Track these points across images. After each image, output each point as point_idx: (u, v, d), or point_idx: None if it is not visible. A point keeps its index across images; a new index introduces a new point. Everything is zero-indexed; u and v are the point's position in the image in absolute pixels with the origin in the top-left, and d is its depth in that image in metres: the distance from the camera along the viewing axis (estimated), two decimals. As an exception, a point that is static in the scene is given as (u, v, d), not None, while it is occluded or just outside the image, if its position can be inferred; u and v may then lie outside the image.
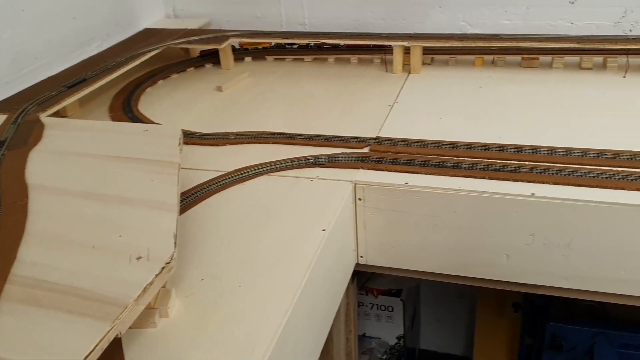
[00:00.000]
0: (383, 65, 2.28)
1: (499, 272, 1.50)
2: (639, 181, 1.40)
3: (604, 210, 1.35)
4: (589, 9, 2.26)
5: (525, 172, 1.48)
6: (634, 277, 1.41)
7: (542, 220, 1.40)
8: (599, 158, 1.52)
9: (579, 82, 2.02)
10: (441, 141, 1.65)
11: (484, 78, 2.11)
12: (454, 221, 1.46)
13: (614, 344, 1.90)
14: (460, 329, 2.97)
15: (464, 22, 2.41)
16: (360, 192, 1.49)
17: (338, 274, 1.44)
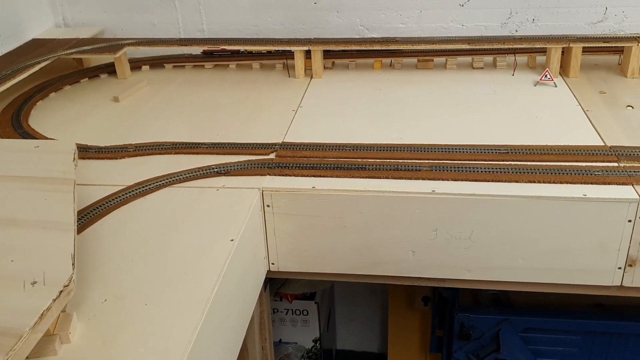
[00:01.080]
0: (285, 70, 2.29)
1: (406, 269, 1.54)
2: (530, 174, 1.49)
3: (500, 203, 1.42)
4: (478, 11, 2.37)
5: (426, 170, 1.53)
6: (531, 264, 1.49)
7: (443, 216, 1.45)
8: (493, 153, 1.60)
9: (472, 81, 2.12)
10: (345, 144, 1.67)
11: (384, 80, 2.17)
12: (361, 221, 1.49)
13: (517, 329, 2.01)
14: (374, 326, 3.03)
15: (361, 26, 2.47)
16: (268, 198, 1.48)
17: (249, 283, 1.42)
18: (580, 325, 1.98)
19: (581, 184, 1.45)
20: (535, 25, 2.36)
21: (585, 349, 2.03)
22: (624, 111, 1.83)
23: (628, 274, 1.47)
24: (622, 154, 1.56)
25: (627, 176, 1.46)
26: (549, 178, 1.46)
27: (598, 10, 2.32)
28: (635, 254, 1.44)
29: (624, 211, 1.40)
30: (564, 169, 1.50)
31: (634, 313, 2.00)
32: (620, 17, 2.31)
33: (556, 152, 1.58)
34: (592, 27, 2.34)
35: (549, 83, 2.03)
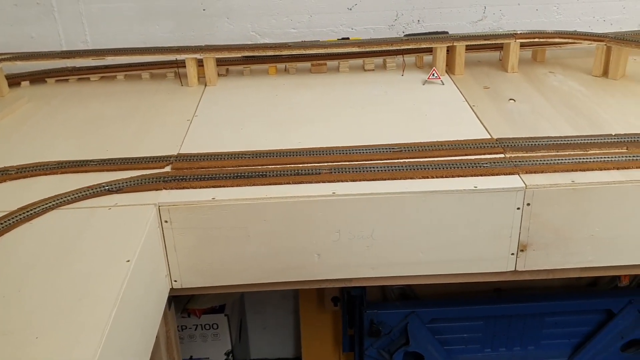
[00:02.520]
0: (177, 79, 2.22)
1: (313, 272, 1.54)
2: (424, 170, 1.53)
3: (397, 200, 1.46)
4: (365, 14, 2.43)
5: (326, 172, 1.53)
6: (431, 257, 1.54)
7: (345, 217, 1.47)
8: (388, 152, 1.63)
9: (364, 83, 2.17)
10: (244, 151, 1.65)
11: (279, 85, 2.17)
12: (265, 229, 1.47)
13: (424, 321, 2.07)
14: (287, 331, 3.02)
15: (253, 32, 2.45)
16: (165, 214, 1.42)
17: (151, 304, 1.36)
18: (482, 311, 2.08)
19: (472, 176, 1.51)
20: (421, 26, 2.45)
21: (488, 333, 2.13)
22: (506, 104, 1.94)
23: (520, 259, 1.55)
24: (508, 145, 1.65)
25: (513, 166, 1.54)
26: (441, 173, 1.52)
27: (478, 9, 2.45)
28: (526, 240, 1.53)
29: (512, 200, 1.47)
30: (455, 163, 1.56)
31: (529, 295, 2.12)
32: (498, 15, 2.45)
33: (447, 147, 1.65)
34: (473, 25, 2.46)
35: (437, 81, 2.11)
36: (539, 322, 2.14)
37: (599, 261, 1.58)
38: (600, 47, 2.12)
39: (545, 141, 1.66)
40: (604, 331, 2.17)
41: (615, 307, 2.14)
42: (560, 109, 1.88)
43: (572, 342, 2.22)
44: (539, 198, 1.47)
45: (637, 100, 1.93)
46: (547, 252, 1.55)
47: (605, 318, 2.18)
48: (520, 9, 2.43)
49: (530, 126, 1.77)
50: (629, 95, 1.97)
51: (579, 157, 1.57)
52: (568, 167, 1.53)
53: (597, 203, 1.49)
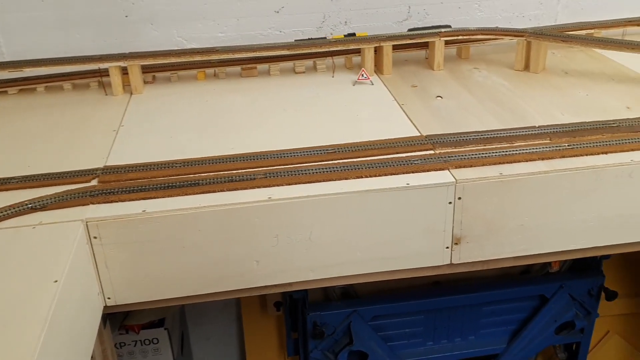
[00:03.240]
0: (101, 88, 2.15)
1: (253, 279, 1.52)
2: (358, 169, 1.54)
3: (333, 201, 1.46)
4: (293, 17, 2.43)
5: (261, 177, 1.52)
6: (369, 255, 1.55)
7: (282, 221, 1.46)
8: (322, 154, 1.64)
9: (296, 85, 2.16)
10: (175, 160, 1.61)
11: (209, 91, 2.13)
12: (201, 239, 1.44)
13: (366, 319, 2.09)
14: (231, 339, 2.98)
15: (179, 37, 2.40)
16: (94, 230, 1.37)
17: (83, 324, 1.31)
18: (422, 306, 2.11)
19: (404, 173, 1.53)
20: (348, 27, 2.47)
21: (429, 326, 2.17)
22: (434, 102, 1.98)
23: (455, 252, 1.59)
24: (437, 141, 1.68)
25: (443, 162, 1.57)
26: (374, 172, 1.53)
27: (402, 9, 2.49)
28: (459, 233, 1.56)
29: (444, 194, 1.51)
30: (387, 161, 1.58)
31: (466, 286, 2.18)
32: (422, 14, 2.50)
33: (378, 146, 1.66)
34: (399, 25, 2.50)
35: (366, 82, 2.13)
36: (477, 312, 2.20)
37: (530, 249, 1.64)
38: (521, 42, 2.20)
39: (472, 136, 1.70)
40: (539, 316, 2.26)
41: (548, 292, 2.23)
42: (485, 104, 1.94)
43: (510, 329, 2.29)
44: (469, 191, 1.51)
45: (558, 92, 2.02)
46: (481, 244, 1.59)
47: (539, 303, 2.27)
48: (443, 7, 2.49)
49: (458, 122, 1.82)
50: (549, 87, 2.06)
51: (506, 149, 1.62)
52: (495, 160, 1.58)
53: (524, 193, 1.54)
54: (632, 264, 2.74)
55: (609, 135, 1.67)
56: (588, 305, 2.29)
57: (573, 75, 2.16)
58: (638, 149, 1.60)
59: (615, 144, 1.62)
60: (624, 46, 2.09)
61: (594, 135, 1.68)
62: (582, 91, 2.01)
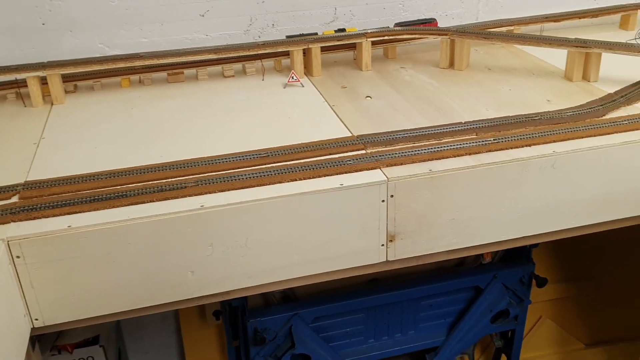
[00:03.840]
0: (20, 100, 2.05)
1: (188, 290, 1.49)
2: (291, 172, 1.53)
3: (268, 206, 1.45)
4: (219, 20, 2.39)
5: (192, 186, 1.49)
6: (306, 258, 1.55)
7: (216, 229, 1.43)
8: (255, 158, 1.62)
9: (225, 89, 2.13)
10: (101, 172, 1.55)
11: (134, 99, 2.07)
12: (131, 252, 1.39)
13: (307, 321, 2.09)
14: (171, 352, 2.90)
15: (101, 44, 2.32)
16: (16, 249, 1.30)
17: (9, 349, 1.24)
18: (361, 304, 2.13)
19: (337, 174, 1.54)
20: (276, 29, 2.46)
21: (369, 324, 2.19)
22: (364, 102, 2.00)
23: (390, 249, 1.61)
24: (368, 141, 1.70)
25: (374, 161, 1.59)
26: (308, 174, 1.53)
27: (329, 11, 2.50)
28: (393, 230, 1.58)
29: (376, 193, 1.52)
30: (320, 163, 1.58)
31: (403, 281, 2.21)
32: (348, 16, 2.52)
33: (311, 148, 1.66)
34: (326, 27, 2.51)
35: (297, 84, 2.13)
36: (415, 307, 2.24)
37: (462, 243, 1.68)
38: (445, 41, 2.26)
39: (402, 134, 1.73)
40: (475, 307, 2.32)
41: (482, 283, 2.29)
42: (413, 102, 1.98)
43: (448, 321, 2.35)
44: (401, 189, 1.53)
45: (482, 88, 2.08)
46: (414, 240, 1.62)
47: (475, 294, 2.33)
48: (368, 8, 2.52)
49: (388, 121, 1.84)
50: (473, 84, 2.12)
51: (434, 146, 1.66)
52: (425, 157, 1.61)
53: (454, 188, 1.58)
54: (560, 250, 2.86)
55: (531, 128, 1.73)
56: (520, 293, 2.37)
57: (496, 72, 2.23)
58: (559, 141, 1.67)
59: (538, 136, 1.69)
60: (542, 42, 2.18)
61: (517, 129, 1.74)
62: (504, 86, 2.08)
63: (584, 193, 1.69)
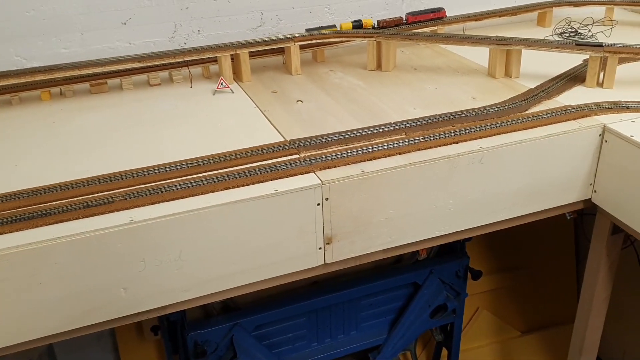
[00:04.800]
0: None
1: (122, 308, 1.44)
2: (224, 181, 1.51)
3: (201, 216, 1.42)
4: (142, 28, 2.33)
5: (120, 200, 1.44)
6: (245, 266, 1.53)
7: (148, 243, 1.39)
8: (186, 168, 1.58)
9: (152, 98, 2.08)
10: (22, 190, 1.48)
11: (56, 112, 1.98)
12: (59, 273, 1.33)
13: (248, 330, 2.06)
14: (110, 372, 2.80)
15: (17, 56, 2.21)
16: None
17: None
18: (302, 308, 2.12)
19: (271, 180, 1.53)
20: (202, 35, 2.42)
21: (312, 327, 2.19)
22: (295, 106, 2.00)
23: (328, 252, 1.61)
24: (301, 145, 1.69)
25: (308, 165, 1.58)
26: (242, 181, 1.51)
27: (255, 15, 2.48)
28: (330, 232, 1.58)
29: (311, 197, 1.52)
30: (254, 169, 1.56)
31: (343, 282, 2.22)
32: (275, 20, 2.51)
33: (244, 155, 1.64)
34: (254, 32, 2.49)
35: (226, 90, 2.10)
36: (356, 307, 2.26)
37: (397, 240, 1.70)
38: (371, 43, 2.28)
39: (334, 137, 1.74)
40: (414, 303, 2.36)
41: (420, 279, 2.33)
42: (344, 105, 1.99)
43: (388, 319, 2.37)
44: (336, 191, 1.53)
45: (409, 88, 2.12)
46: (351, 241, 1.63)
47: (413, 290, 2.37)
48: (295, 12, 2.52)
49: (319, 124, 1.84)
50: (401, 84, 2.15)
51: (366, 147, 1.67)
52: (357, 158, 1.62)
53: (386, 188, 1.60)
54: (492, 243, 2.96)
55: (458, 125, 1.78)
56: (457, 286, 2.43)
57: (422, 71, 2.28)
58: (486, 136, 1.72)
59: (465, 133, 1.73)
60: (465, 41, 2.24)
61: (445, 127, 1.77)
62: (431, 85, 2.13)
63: (511, 186, 1.75)
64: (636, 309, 2.94)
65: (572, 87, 2.04)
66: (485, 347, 3.01)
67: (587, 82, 2.05)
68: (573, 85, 2.06)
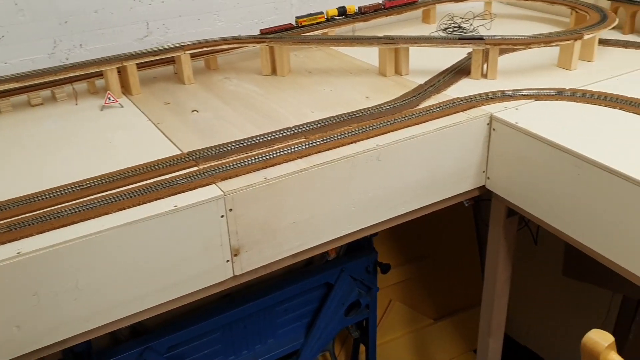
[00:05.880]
0: None
1: (16, 348, 1.33)
2: (119, 201, 1.44)
3: (96, 241, 1.34)
4: (19, 46, 2.18)
5: (4, 232, 1.33)
6: (149, 289, 1.46)
7: (40, 275, 1.30)
8: (76, 191, 1.49)
9: (34, 120, 1.95)
10: None
11: None
12: (-61, 318, 1.21)
13: (161, 352, 1.98)
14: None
15: None
16: None
17: None
18: (215, 323, 2.07)
19: (170, 196, 1.47)
20: (85, 50, 2.30)
21: (227, 341, 2.14)
22: (191, 116, 1.94)
23: (237, 264, 1.57)
24: (199, 156, 1.65)
25: (208, 176, 1.54)
26: (138, 200, 1.44)
27: (141, 26, 2.40)
28: (237, 244, 1.55)
29: (214, 209, 1.48)
30: (150, 186, 1.50)
31: (255, 291, 2.19)
32: (162, 30, 2.44)
33: (139, 171, 1.57)
34: (141, 42, 2.40)
35: (115, 105, 2.01)
36: (271, 314, 2.23)
37: (306, 244, 1.70)
38: (264, 48, 2.27)
39: (233, 145, 1.71)
40: (328, 303, 2.37)
41: (331, 278, 2.35)
42: (241, 112, 1.96)
43: (304, 323, 2.37)
44: (239, 201, 1.50)
45: (305, 91, 2.12)
46: (260, 249, 1.60)
47: (326, 291, 2.38)
48: (183, 20, 2.46)
49: (218, 133, 1.81)
50: (297, 88, 2.16)
51: (267, 154, 1.65)
52: (259, 165, 1.60)
53: (290, 192, 1.59)
54: (398, 236, 3.04)
55: (355, 125, 1.80)
56: (368, 282, 2.47)
57: (316, 74, 2.29)
58: (381, 134, 1.75)
59: (362, 132, 1.76)
60: (355, 42, 2.28)
61: (342, 127, 1.79)
62: (326, 88, 2.15)
63: (410, 180, 1.79)
64: (536, 286, 3.13)
65: (459, 80, 2.13)
66: (400, 338, 3.09)
67: (472, 74, 2.15)
68: (460, 78, 2.15)
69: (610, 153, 1.59)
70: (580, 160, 1.60)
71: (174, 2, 2.41)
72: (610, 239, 1.59)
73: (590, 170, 1.58)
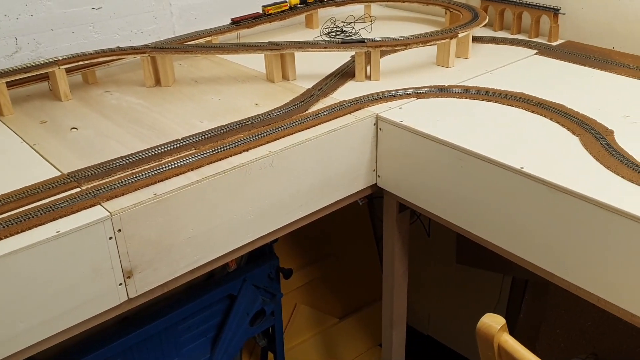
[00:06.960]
0: None
1: None
2: None
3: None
4: None
5: None
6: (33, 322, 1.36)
7: None
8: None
9: None
10: None
11: None
12: None
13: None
14: None
15: None
16: None
17: None
18: (114, 349, 1.97)
19: (51, 221, 1.38)
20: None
21: (129, 366, 2.04)
22: (69, 134, 1.84)
23: (130, 286, 1.51)
24: (81, 177, 1.56)
25: (92, 197, 1.46)
26: (14, 229, 1.34)
27: (9, 42, 2.23)
28: (129, 265, 1.48)
29: (101, 231, 1.41)
30: (28, 212, 1.40)
31: (155, 311, 2.11)
32: (33, 44, 2.29)
33: (14, 198, 1.46)
34: (10, 59, 2.24)
35: (-17, 127, 1.86)
36: (173, 333, 2.16)
37: (204, 258, 1.66)
38: (145, 59, 2.19)
39: (118, 162, 1.63)
40: (232, 314, 2.32)
41: (234, 289, 2.31)
42: (125, 126, 1.88)
43: (209, 338, 2.31)
44: (128, 221, 1.44)
45: (193, 101, 2.07)
46: (155, 268, 1.54)
47: (230, 303, 2.33)
48: (55, 34, 2.32)
49: (100, 151, 1.72)
50: (183, 98, 2.10)
51: (155, 168, 1.60)
52: (147, 181, 1.54)
53: (183, 207, 1.54)
54: (298, 239, 3.05)
55: (246, 133, 1.78)
56: (271, 288, 2.45)
57: (203, 83, 2.25)
58: (273, 140, 1.75)
59: (253, 139, 1.74)
60: (240, 49, 2.26)
61: (233, 136, 1.77)
62: (214, 96, 2.11)
63: (304, 184, 1.80)
64: (433, 276, 3.26)
65: (344, 83, 2.18)
66: (308, 340, 3.10)
67: (357, 77, 2.20)
68: (345, 81, 2.19)
69: (490, 145, 1.69)
70: (463, 154, 1.69)
71: (44, 15, 2.27)
72: (494, 226, 1.69)
73: (473, 162, 1.67)
